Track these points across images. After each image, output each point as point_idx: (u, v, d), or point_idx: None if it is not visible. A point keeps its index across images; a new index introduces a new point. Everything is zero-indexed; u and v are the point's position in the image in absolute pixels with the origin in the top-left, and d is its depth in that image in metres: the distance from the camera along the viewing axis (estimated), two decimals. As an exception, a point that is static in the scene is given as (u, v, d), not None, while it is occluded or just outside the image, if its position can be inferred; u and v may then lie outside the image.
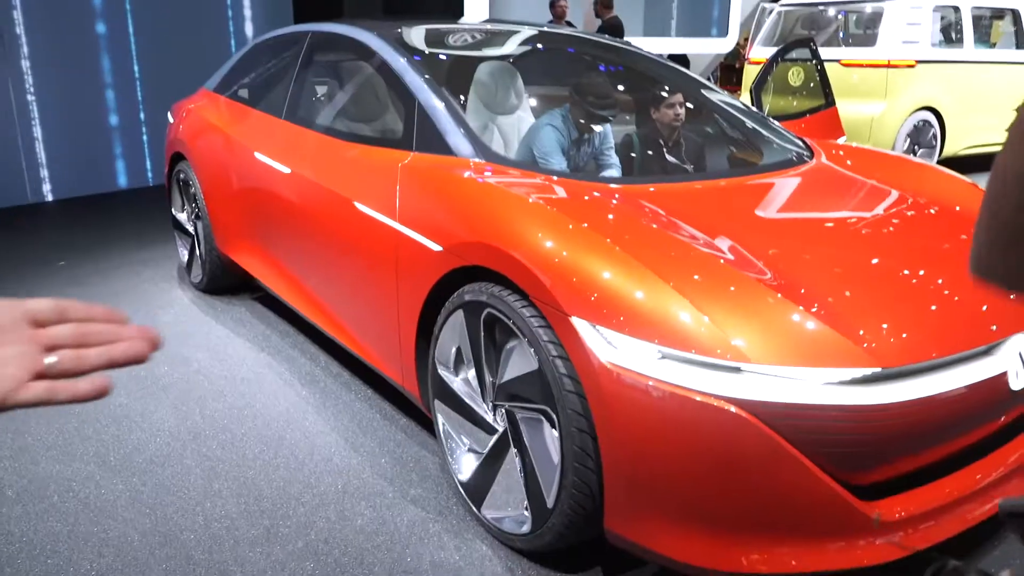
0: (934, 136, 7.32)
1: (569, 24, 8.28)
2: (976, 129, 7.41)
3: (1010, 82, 7.19)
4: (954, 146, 7.38)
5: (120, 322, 0.70)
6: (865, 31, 7.41)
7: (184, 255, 4.37)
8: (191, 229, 4.20)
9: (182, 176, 4.19)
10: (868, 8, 7.43)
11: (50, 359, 0.66)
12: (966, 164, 6.82)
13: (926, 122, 7.26)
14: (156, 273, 4.60)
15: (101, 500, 2.40)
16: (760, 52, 8.25)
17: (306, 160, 3.16)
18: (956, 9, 7.41)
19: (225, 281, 4.10)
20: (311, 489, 2.45)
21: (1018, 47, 7.95)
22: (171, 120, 4.46)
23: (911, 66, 7.04)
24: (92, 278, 4.55)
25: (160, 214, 4.82)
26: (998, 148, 0.67)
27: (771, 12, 8.50)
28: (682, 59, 11.09)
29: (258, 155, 3.45)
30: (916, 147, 7.23)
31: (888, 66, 7.05)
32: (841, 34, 7.71)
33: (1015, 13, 7.79)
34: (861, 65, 6.53)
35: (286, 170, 3.22)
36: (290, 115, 3.46)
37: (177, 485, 2.48)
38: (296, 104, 3.50)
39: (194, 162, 4.03)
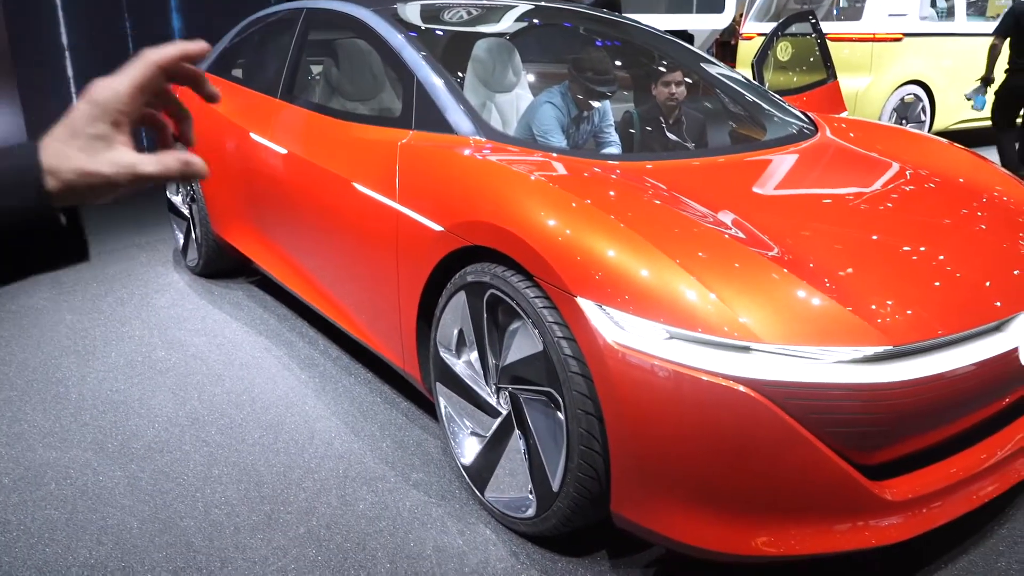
0: (923, 110, 7.27)
1: None
2: (967, 103, 7.36)
3: (1003, 55, 7.13)
4: (944, 120, 7.32)
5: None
6: (854, 4, 7.36)
7: (180, 238, 4.32)
8: (187, 212, 4.15)
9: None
10: None
11: None
12: (957, 139, 6.77)
13: (915, 96, 7.22)
14: (152, 257, 4.56)
15: (99, 487, 2.38)
16: (753, 27, 8.22)
17: (303, 140, 3.10)
18: None
19: (222, 264, 4.05)
20: (312, 474, 2.43)
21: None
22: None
23: (897, 39, 6.99)
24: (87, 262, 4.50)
25: (155, 196, 4.75)
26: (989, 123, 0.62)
27: None
28: (687, 37, 10.98)
29: (254, 136, 3.40)
30: (903, 121, 7.19)
31: (873, 40, 7.00)
32: (835, 9, 7.65)
33: None
34: (847, 39, 6.50)
35: (283, 151, 3.17)
36: (286, 95, 3.40)
37: (176, 471, 2.45)
38: (292, 83, 3.44)
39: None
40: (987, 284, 1.96)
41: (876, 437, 1.74)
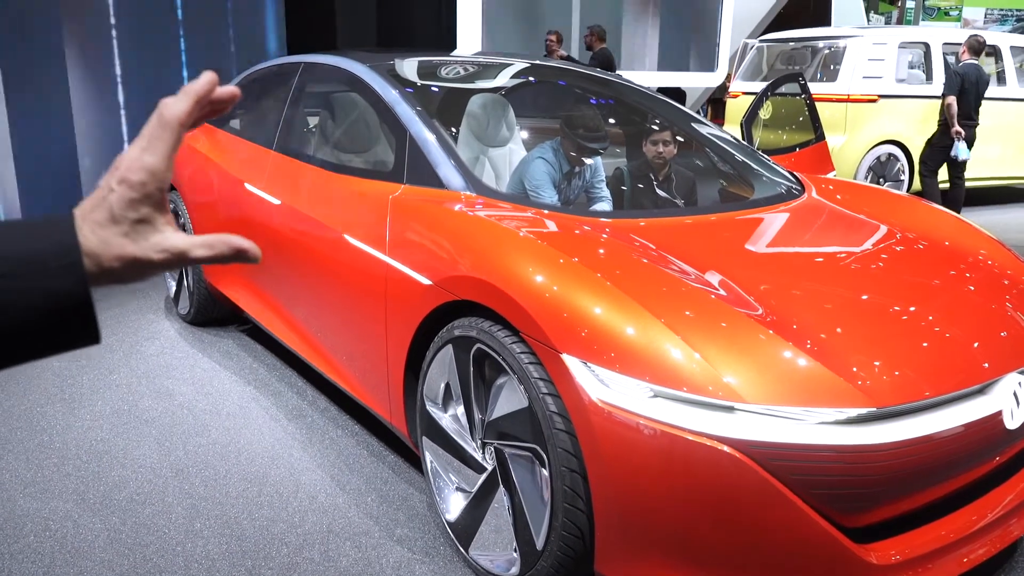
0: (901, 170, 7.42)
1: (570, 59, 8.28)
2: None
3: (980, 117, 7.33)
4: (930, 190, 7.45)
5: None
6: (831, 67, 7.56)
7: (172, 286, 4.33)
8: (179, 260, 4.15)
9: (171, 207, 4.16)
10: (836, 44, 7.61)
11: None
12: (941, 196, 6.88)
13: (891, 155, 7.37)
14: (143, 304, 4.55)
15: (79, 540, 2.34)
16: (741, 86, 8.44)
17: (296, 192, 3.13)
18: (926, 45, 7.55)
19: (213, 313, 4.06)
20: (295, 528, 2.40)
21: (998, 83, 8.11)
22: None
23: (872, 100, 7.22)
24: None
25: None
26: (971, 184, 0.64)
27: (752, 48, 8.68)
28: (678, 93, 11.22)
29: (248, 186, 3.43)
30: (881, 180, 7.33)
31: (848, 100, 7.20)
32: (818, 71, 7.85)
33: (995, 49, 7.92)
34: (822, 99, 6.72)
35: (276, 201, 3.20)
36: (281, 146, 3.44)
37: (158, 524, 2.42)
38: (287, 135, 3.49)
39: (183, 192, 4.01)
40: (975, 345, 1.97)
41: (861, 499, 1.73)
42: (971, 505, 1.96)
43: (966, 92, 6.36)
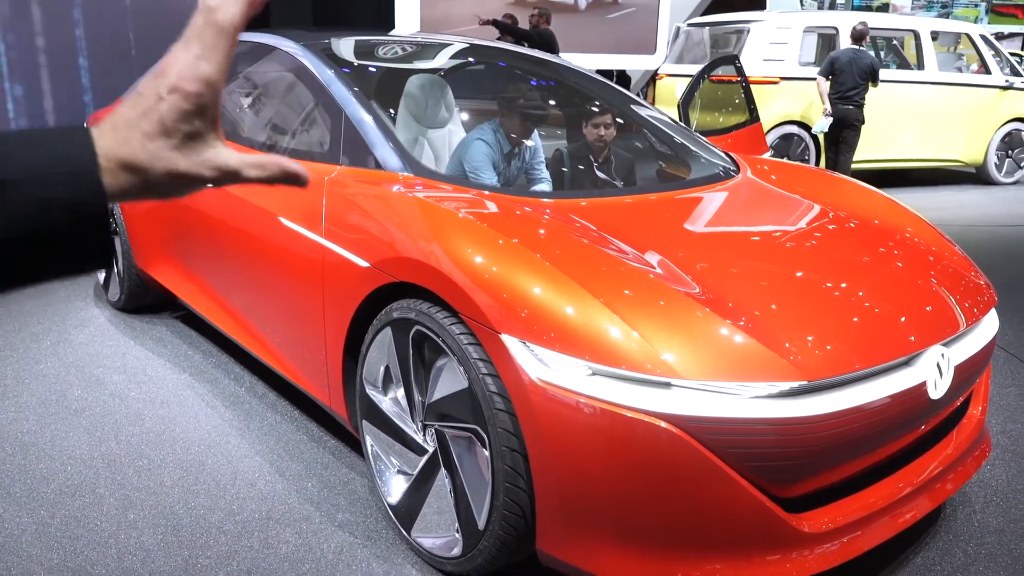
0: (806, 148, 7.68)
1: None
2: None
3: (882, 100, 7.57)
4: (828, 162, 7.68)
5: None
6: (739, 49, 7.76)
7: (101, 272, 4.18)
8: (108, 245, 4.01)
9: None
10: (746, 28, 7.85)
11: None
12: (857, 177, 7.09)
13: (795, 135, 7.61)
14: (71, 291, 4.39)
15: (4, 535, 2.25)
16: (668, 68, 8.61)
17: (229, 174, 3.04)
18: (836, 30, 7.78)
19: (145, 299, 3.93)
20: (233, 516, 2.35)
21: (898, 66, 8.40)
22: (87, 132, 4.27)
23: (774, 82, 7.44)
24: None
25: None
26: (874, 164, 0.66)
27: (682, 32, 8.86)
28: (623, 76, 11.29)
29: (179, 168, 3.32)
30: (785, 159, 7.55)
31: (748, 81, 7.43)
32: (737, 52, 8.02)
33: (916, 35, 8.16)
34: (724, 80, 6.90)
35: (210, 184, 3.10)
36: (212, 127, 3.34)
37: (88, 516, 2.34)
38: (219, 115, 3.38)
39: (111, 175, 3.87)
40: (902, 320, 2.04)
41: (794, 470, 1.78)
42: (898, 473, 2.03)
43: (839, 73, 6.79)
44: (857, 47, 6.87)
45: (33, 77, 6.20)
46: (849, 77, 6.78)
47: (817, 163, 7.71)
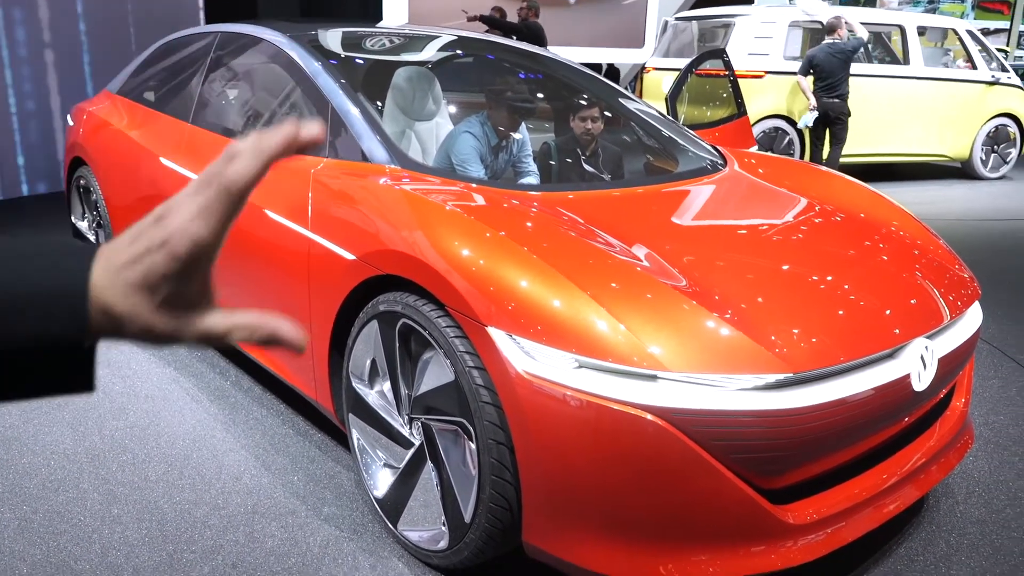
0: (790, 143, 7.70)
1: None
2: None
3: (869, 95, 7.59)
4: (814, 156, 7.72)
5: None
6: (724, 44, 7.77)
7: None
8: (92, 238, 3.99)
9: (83, 182, 3.98)
10: (731, 23, 7.86)
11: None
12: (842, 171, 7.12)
13: (779, 130, 7.63)
14: (55, 285, 4.35)
15: (-14, 530, 2.24)
16: (655, 62, 8.60)
17: (214, 166, 3.02)
18: (821, 24, 7.81)
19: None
20: (218, 511, 2.34)
21: (886, 62, 8.43)
22: (71, 123, 4.23)
23: (759, 77, 7.45)
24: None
25: (60, 221, 4.56)
26: (861, 159, 0.65)
27: (669, 26, 8.87)
28: (612, 70, 11.27)
29: (164, 160, 3.30)
30: (770, 152, 7.57)
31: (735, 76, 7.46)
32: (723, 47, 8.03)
33: (902, 30, 8.19)
34: (710, 74, 6.92)
35: (194, 176, 3.08)
36: (198, 119, 3.32)
37: (72, 511, 2.33)
38: (204, 107, 3.36)
39: (96, 168, 3.84)
40: (886, 312, 2.05)
41: (779, 462, 1.78)
42: (882, 464, 2.04)
43: (818, 69, 6.87)
44: (832, 40, 6.92)
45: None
46: (829, 70, 6.84)
47: (801, 157, 7.74)
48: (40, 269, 0.52)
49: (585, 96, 3.43)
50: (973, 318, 2.28)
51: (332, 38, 3.27)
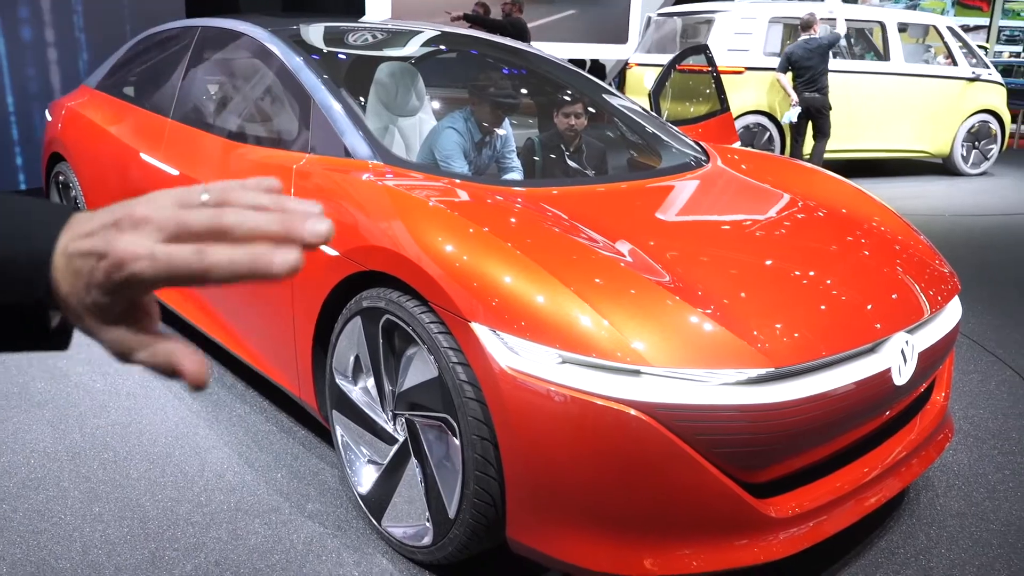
0: (770, 139, 7.76)
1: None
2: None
3: (850, 91, 7.64)
4: (795, 151, 7.78)
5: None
6: (705, 39, 7.80)
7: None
8: (72, 234, 3.94)
9: (61, 178, 3.93)
10: (711, 19, 7.90)
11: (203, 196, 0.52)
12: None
13: (760, 125, 7.67)
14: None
15: (-35, 529, 2.21)
16: (638, 58, 8.62)
17: (196, 162, 3.00)
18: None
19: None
20: (201, 508, 2.33)
21: (867, 58, 8.49)
22: (49, 118, 4.18)
23: (739, 72, 7.48)
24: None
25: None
26: (842, 155, 0.66)
27: (652, 21, 8.89)
28: (597, 66, 11.28)
29: (144, 156, 3.27)
30: (749, 148, 7.59)
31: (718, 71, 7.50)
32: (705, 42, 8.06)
33: (883, 26, 8.25)
34: (693, 70, 6.95)
35: (174, 172, 3.06)
36: (178, 114, 3.29)
37: (52, 510, 2.31)
38: (185, 103, 3.33)
39: (75, 163, 3.80)
40: (867, 307, 2.06)
41: (761, 456, 1.79)
42: (863, 458, 2.06)
43: (797, 64, 6.98)
44: (808, 36, 6.99)
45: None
46: (808, 66, 6.91)
47: (782, 153, 7.78)
48: (12, 229, 0.53)
49: (569, 92, 3.43)
50: (953, 313, 2.30)
51: (314, 33, 3.25)
